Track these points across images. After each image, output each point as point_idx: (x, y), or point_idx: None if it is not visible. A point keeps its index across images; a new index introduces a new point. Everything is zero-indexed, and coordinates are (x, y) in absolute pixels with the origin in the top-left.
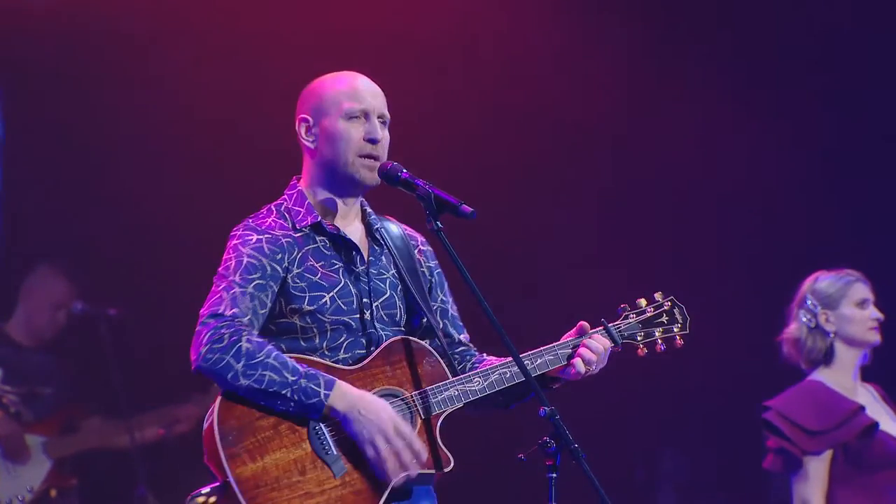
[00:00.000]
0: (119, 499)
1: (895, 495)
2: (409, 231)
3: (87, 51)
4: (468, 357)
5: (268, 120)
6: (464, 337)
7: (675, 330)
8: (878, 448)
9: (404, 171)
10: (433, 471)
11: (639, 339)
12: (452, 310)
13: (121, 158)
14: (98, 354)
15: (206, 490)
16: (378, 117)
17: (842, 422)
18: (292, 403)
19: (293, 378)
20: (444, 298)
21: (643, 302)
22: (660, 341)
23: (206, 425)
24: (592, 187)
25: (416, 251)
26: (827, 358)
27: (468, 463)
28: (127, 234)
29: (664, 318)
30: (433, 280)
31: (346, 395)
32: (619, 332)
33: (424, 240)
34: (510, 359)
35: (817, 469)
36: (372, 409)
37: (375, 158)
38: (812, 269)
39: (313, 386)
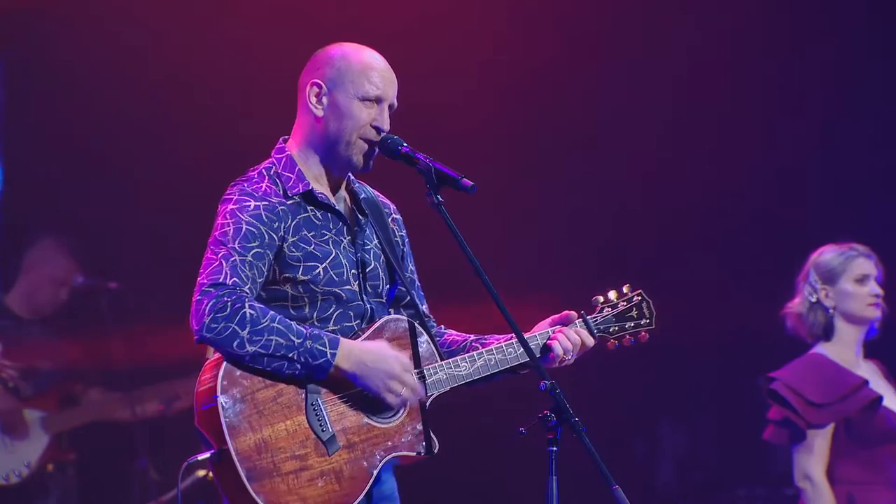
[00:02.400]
0: (118, 473)
1: (895, 470)
2: (383, 198)
3: (89, 24)
4: (430, 329)
5: (264, 97)
6: (425, 308)
7: (643, 324)
8: (880, 423)
9: (405, 144)
10: (425, 454)
11: (612, 331)
12: (417, 280)
13: (121, 132)
14: (98, 328)
15: (202, 457)
16: (388, 106)
17: (846, 395)
18: (299, 366)
19: (299, 340)
20: (412, 268)
21: (614, 294)
22: (629, 335)
23: (202, 388)
24: (592, 165)
25: (389, 219)
26: (827, 333)
27: (468, 436)
28: (128, 207)
29: (634, 313)
30: (404, 249)
31: (351, 352)
32: (596, 324)
33: (396, 208)
34: (492, 343)
35: (820, 442)
36: (378, 357)
37: (375, 144)
38: (813, 242)
39: (319, 346)
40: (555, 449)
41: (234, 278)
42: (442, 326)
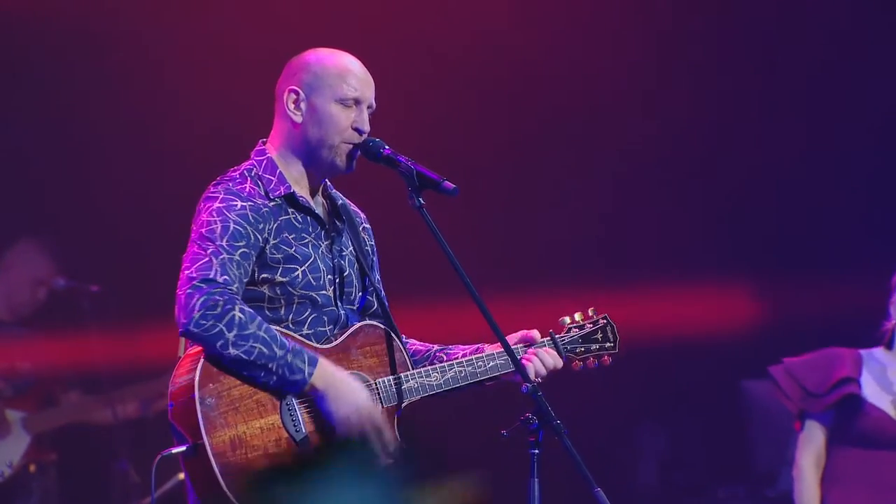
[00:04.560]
0: (99, 474)
1: (890, 474)
2: (354, 207)
3: (73, 23)
4: (400, 338)
5: (249, 98)
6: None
7: (608, 347)
8: (872, 424)
9: (386, 147)
10: (395, 459)
11: (578, 352)
12: (383, 290)
13: (103, 132)
14: (80, 330)
15: (175, 451)
16: (367, 107)
17: (832, 387)
18: (275, 377)
19: (281, 353)
20: (378, 278)
21: (580, 316)
22: (592, 358)
23: (179, 381)
24: (584, 166)
25: (361, 228)
26: (889, 341)
27: (448, 438)
28: (110, 209)
29: (599, 335)
30: (374, 259)
31: (325, 374)
32: (563, 344)
33: (366, 217)
34: (457, 354)
35: (812, 431)
36: (349, 389)
37: (357, 147)
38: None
39: (298, 363)
40: (536, 451)
41: (225, 276)
42: (403, 336)
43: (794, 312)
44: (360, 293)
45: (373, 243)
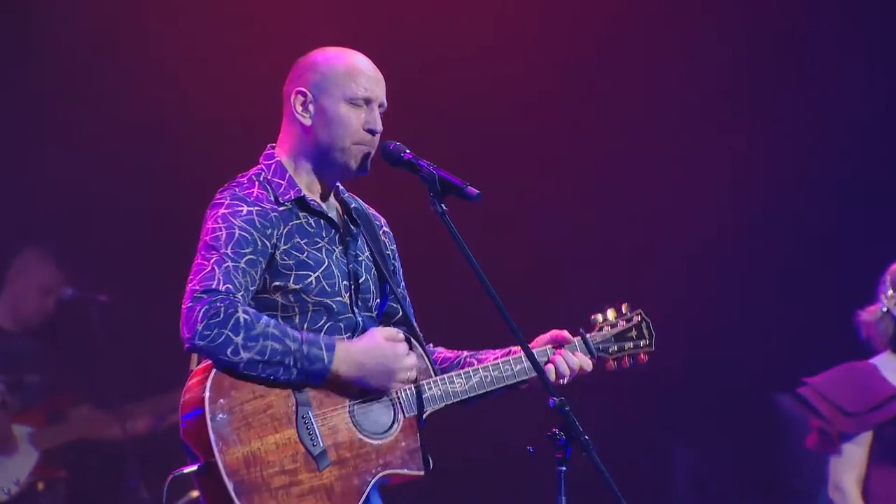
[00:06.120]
0: (110, 492)
1: None
2: (373, 211)
3: (73, 22)
4: (423, 344)
5: (256, 106)
6: (415, 325)
7: (643, 345)
8: None
9: (407, 151)
10: (419, 472)
11: (611, 352)
12: (408, 296)
13: (111, 141)
14: (88, 342)
15: (187, 470)
16: (378, 106)
17: (879, 404)
18: (295, 371)
19: (295, 345)
20: (403, 284)
21: (612, 313)
22: (628, 356)
23: (188, 397)
24: (607, 172)
25: (380, 232)
26: (893, 343)
27: (473, 454)
28: (119, 217)
29: (633, 333)
30: (395, 264)
31: (348, 355)
32: (595, 343)
33: (385, 221)
34: (488, 359)
35: (852, 451)
36: (376, 355)
37: (370, 148)
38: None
39: (315, 351)
40: (564, 469)
41: (228, 284)
42: (430, 344)
43: (826, 323)
44: (379, 299)
45: (394, 248)
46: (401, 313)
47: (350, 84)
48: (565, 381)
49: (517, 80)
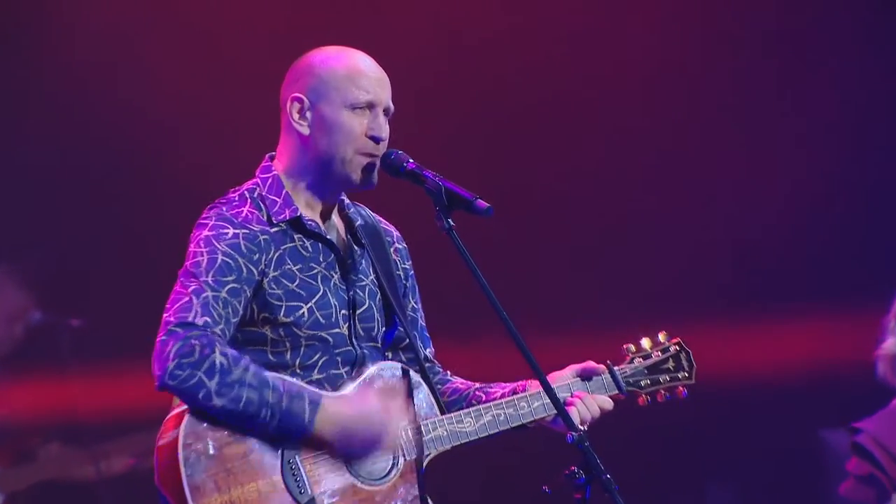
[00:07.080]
0: None
1: None
2: (385, 224)
3: (57, 40)
4: (433, 376)
5: (243, 119)
6: (429, 352)
7: (681, 378)
8: None
9: (410, 160)
10: None
11: (643, 385)
12: (422, 320)
13: (83, 158)
14: (58, 371)
15: None
16: (383, 110)
17: None
18: (272, 425)
19: (274, 398)
20: (414, 306)
21: (647, 343)
22: (664, 390)
23: (163, 441)
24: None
25: (391, 249)
26: None
27: (479, 497)
28: (92, 238)
29: (670, 365)
30: (407, 284)
31: (333, 418)
32: (625, 377)
33: (400, 235)
34: (497, 393)
35: None
36: (364, 420)
37: (376, 157)
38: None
39: (296, 408)
40: None
41: (206, 317)
42: (447, 373)
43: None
44: (386, 327)
45: (406, 266)
46: (407, 340)
47: (351, 87)
48: (585, 427)
49: (539, 79)
